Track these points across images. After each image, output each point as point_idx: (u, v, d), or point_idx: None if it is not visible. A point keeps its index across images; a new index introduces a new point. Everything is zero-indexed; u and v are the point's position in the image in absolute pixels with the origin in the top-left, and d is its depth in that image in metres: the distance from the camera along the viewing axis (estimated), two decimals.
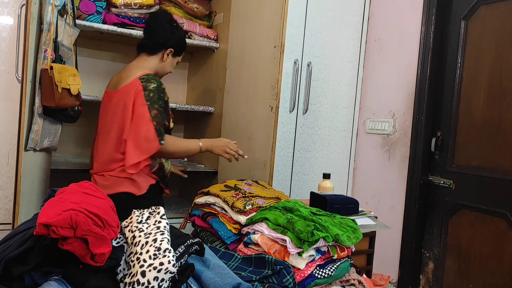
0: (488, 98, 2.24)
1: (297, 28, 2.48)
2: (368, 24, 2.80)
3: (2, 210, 2.03)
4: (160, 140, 1.78)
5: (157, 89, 1.84)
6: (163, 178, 1.98)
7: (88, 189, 1.07)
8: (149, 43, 2.00)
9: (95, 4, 2.34)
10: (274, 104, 2.16)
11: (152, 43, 1.99)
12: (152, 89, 1.83)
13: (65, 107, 1.86)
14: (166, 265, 0.93)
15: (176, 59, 2.07)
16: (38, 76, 1.77)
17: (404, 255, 2.53)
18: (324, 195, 1.78)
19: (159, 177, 1.94)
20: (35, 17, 1.73)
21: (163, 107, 1.85)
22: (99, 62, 2.80)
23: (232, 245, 1.35)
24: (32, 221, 1.06)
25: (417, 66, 2.51)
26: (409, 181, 2.51)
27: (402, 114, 2.59)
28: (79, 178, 2.01)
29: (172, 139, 1.86)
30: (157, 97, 1.83)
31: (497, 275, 2.16)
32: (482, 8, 2.29)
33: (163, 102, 1.85)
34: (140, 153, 1.79)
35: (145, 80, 1.85)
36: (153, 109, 1.80)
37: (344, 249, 1.31)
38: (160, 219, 1.07)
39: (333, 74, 2.67)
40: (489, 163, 2.21)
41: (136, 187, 1.85)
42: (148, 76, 1.88)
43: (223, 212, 1.45)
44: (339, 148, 2.75)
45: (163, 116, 1.83)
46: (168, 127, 1.88)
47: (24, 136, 1.75)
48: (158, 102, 1.82)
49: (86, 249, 0.92)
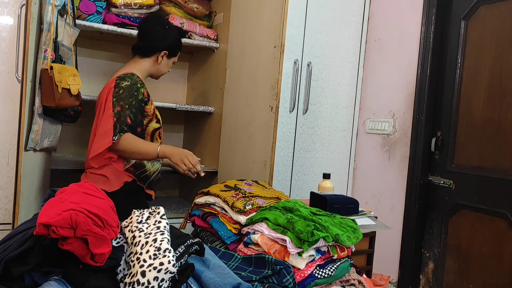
0: (488, 98, 2.24)
1: (297, 28, 2.48)
2: (368, 24, 2.80)
3: (2, 210, 2.03)
4: (113, 136, 1.77)
5: (129, 87, 1.85)
6: (145, 178, 1.96)
7: (88, 189, 1.07)
8: (142, 46, 2.03)
9: (95, 4, 2.34)
10: (274, 104, 2.16)
11: (144, 46, 2.02)
12: (124, 86, 1.85)
13: (65, 107, 1.86)
14: (166, 265, 0.93)
15: (171, 59, 2.09)
16: (38, 76, 1.77)
17: (404, 255, 2.53)
18: (324, 195, 1.78)
19: (136, 176, 1.92)
20: (35, 17, 1.73)
21: (133, 105, 1.84)
22: (99, 62, 2.80)
23: (232, 245, 1.35)
24: (32, 221, 1.06)
25: (417, 66, 2.51)
26: (409, 181, 2.51)
27: (402, 114, 2.59)
28: (79, 178, 2.02)
29: (130, 138, 1.82)
30: (126, 94, 1.84)
31: (497, 275, 2.16)
32: (482, 8, 2.29)
33: (134, 100, 1.85)
34: (95, 148, 1.82)
35: (120, 78, 1.89)
36: (117, 106, 1.82)
37: (344, 249, 1.31)
38: (160, 219, 1.07)
39: (333, 74, 2.67)
40: (489, 163, 2.21)
41: (108, 184, 1.87)
42: (126, 75, 1.90)
43: (223, 212, 1.45)
44: (339, 148, 2.75)
45: (126, 113, 1.81)
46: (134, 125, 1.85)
47: (24, 136, 1.74)
48: (126, 99, 1.82)
49: (86, 249, 0.92)
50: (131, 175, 1.92)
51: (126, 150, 1.82)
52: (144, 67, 2.02)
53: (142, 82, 1.95)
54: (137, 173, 1.94)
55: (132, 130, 1.84)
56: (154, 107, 2.00)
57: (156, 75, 2.09)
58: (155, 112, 2.00)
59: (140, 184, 1.95)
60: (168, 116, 2.82)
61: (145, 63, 2.02)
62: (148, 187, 1.99)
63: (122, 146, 1.81)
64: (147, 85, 2.04)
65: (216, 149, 2.65)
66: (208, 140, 2.80)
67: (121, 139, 1.79)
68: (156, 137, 2.00)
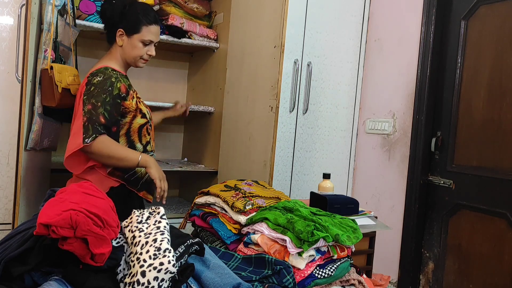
0: (488, 98, 2.24)
1: (297, 28, 2.49)
2: (368, 24, 2.80)
3: (2, 210, 2.03)
4: (86, 138, 1.60)
5: (101, 83, 1.67)
6: (136, 181, 1.80)
7: (88, 189, 1.07)
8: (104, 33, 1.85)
9: (95, 4, 2.34)
10: (274, 104, 2.16)
11: (105, 31, 1.83)
12: (95, 83, 1.68)
13: (65, 107, 1.86)
14: (166, 265, 0.93)
15: (135, 37, 1.77)
16: (38, 76, 1.77)
17: (404, 255, 2.52)
18: (324, 195, 1.78)
19: (125, 180, 1.77)
20: (35, 17, 1.73)
21: (106, 101, 1.66)
22: None
23: (232, 245, 1.35)
24: (32, 221, 1.05)
25: (417, 66, 2.51)
26: (409, 181, 2.51)
27: (402, 114, 2.59)
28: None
29: (107, 142, 1.64)
30: (99, 91, 1.66)
31: (497, 275, 2.16)
32: (482, 8, 2.29)
33: (108, 96, 1.66)
34: (68, 148, 1.67)
35: (92, 75, 1.72)
36: (88, 104, 1.64)
37: (344, 249, 1.31)
38: (160, 219, 1.07)
39: (333, 74, 2.67)
40: (489, 163, 2.21)
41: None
42: (99, 70, 1.73)
43: (223, 212, 1.45)
44: (339, 148, 2.76)
45: (99, 111, 1.63)
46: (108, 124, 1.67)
47: (24, 136, 1.75)
48: (97, 96, 1.65)
49: (86, 249, 0.92)
50: (118, 180, 1.75)
51: (102, 154, 1.64)
52: (116, 56, 1.81)
53: (119, 76, 1.75)
54: (125, 176, 1.77)
55: (107, 130, 1.66)
56: (137, 101, 1.81)
57: (130, 61, 1.82)
58: (138, 107, 1.80)
59: (131, 188, 1.79)
60: None
61: (114, 51, 1.81)
62: (141, 190, 1.82)
63: (97, 149, 1.62)
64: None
65: (216, 149, 2.65)
66: (208, 140, 2.80)
67: (96, 142, 1.61)
68: (144, 133, 1.82)
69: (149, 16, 1.78)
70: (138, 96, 1.85)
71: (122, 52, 1.80)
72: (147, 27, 1.77)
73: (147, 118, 1.84)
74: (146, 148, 1.84)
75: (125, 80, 1.79)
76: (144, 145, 1.83)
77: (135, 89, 1.86)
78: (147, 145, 1.85)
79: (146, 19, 1.77)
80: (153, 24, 1.79)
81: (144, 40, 1.78)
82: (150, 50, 1.81)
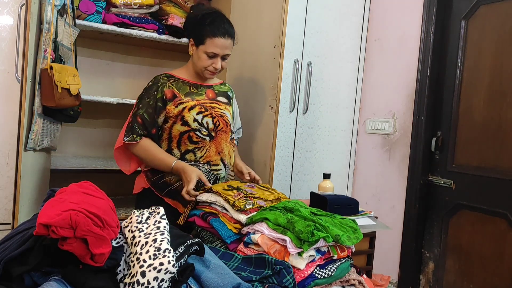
0: (488, 98, 2.23)
1: (297, 28, 2.48)
2: (368, 24, 2.80)
3: (2, 210, 2.02)
4: (125, 136, 1.75)
5: (148, 88, 1.82)
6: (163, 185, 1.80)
7: (88, 189, 1.06)
8: None
9: (95, 4, 2.34)
10: (274, 104, 2.16)
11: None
12: (146, 87, 1.84)
13: (65, 107, 1.86)
14: (166, 265, 0.93)
15: (200, 49, 1.79)
16: (38, 76, 1.77)
17: (404, 255, 2.52)
18: (324, 195, 1.77)
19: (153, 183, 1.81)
20: (34, 17, 1.73)
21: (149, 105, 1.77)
22: (99, 62, 2.80)
23: (232, 244, 1.35)
24: (32, 221, 1.05)
25: (417, 66, 2.50)
26: (409, 181, 2.51)
27: (402, 114, 2.59)
28: (79, 178, 2.01)
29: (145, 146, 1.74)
30: (143, 94, 1.81)
31: (497, 275, 2.16)
32: (482, 8, 2.29)
33: (151, 100, 1.77)
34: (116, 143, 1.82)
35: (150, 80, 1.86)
36: (135, 106, 1.81)
37: (344, 249, 1.31)
38: (160, 219, 1.07)
39: (333, 74, 2.67)
40: (489, 163, 2.21)
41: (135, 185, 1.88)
42: (158, 75, 1.86)
43: (223, 211, 1.45)
44: (339, 148, 2.75)
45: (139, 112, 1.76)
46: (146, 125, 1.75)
47: (24, 136, 1.74)
48: (143, 99, 1.80)
49: (86, 249, 0.92)
50: (147, 182, 1.82)
51: (139, 156, 1.77)
52: (188, 64, 1.90)
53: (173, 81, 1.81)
54: (153, 179, 1.80)
55: (145, 130, 1.75)
56: (182, 109, 1.78)
57: (197, 71, 1.85)
58: (182, 114, 1.77)
59: (157, 193, 1.80)
60: None
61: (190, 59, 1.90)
62: (167, 196, 1.80)
63: (135, 151, 1.76)
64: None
65: None
66: None
67: (133, 144, 1.74)
68: (185, 141, 1.78)
69: (215, 29, 1.76)
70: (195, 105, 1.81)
71: (192, 61, 1.86)
72: (212, 39, 1.76)
73: (190, 127, 1.78)
74: (185, 156, 1.79)
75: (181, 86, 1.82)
76: (183, 152, 1.78)
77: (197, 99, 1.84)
78: (187, 153, 1.79)
79: (211, 32, 1.76)
80: (218, 37, 1.76)
81: (208, 52, 1.77)
82: (215, 62, 1.79)
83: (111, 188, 2.74)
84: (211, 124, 1.81)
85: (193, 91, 1.84)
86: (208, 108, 1.83)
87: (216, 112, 1.84)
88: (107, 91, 2.80)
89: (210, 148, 1.81)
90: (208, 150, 1.80)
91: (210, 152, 1.81)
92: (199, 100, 1.83)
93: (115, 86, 2.85)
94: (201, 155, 1.80)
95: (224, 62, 1.82)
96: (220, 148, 1.83)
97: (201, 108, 1.81)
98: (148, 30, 2.48)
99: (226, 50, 1.80)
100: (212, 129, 1.81)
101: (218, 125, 1.83)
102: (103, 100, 2.35)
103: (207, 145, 1.80)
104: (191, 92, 1.84)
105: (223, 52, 1.79)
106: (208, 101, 1.85)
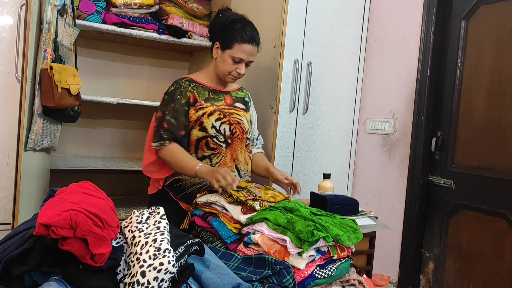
0: (488, 98, 2.23)
1: (297, 28, 2.48)
2: (368, 24, 2.80)
3: (2, 210, 2.03)
4: (153, 141, 1.77)
5: (171, 92, 1.81)
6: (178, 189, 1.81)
7: (88, 189, 1.06)
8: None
9: (95, 4, 2.34)
10: (274, 104, 2.16)
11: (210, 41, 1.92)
12: (168, 91, 1.83)
13: (65, 107, 1.86)
14: (166, 265, 0.93)
15: (226, 53, 1.79)
16: (38, 76, 1.77)
17: (404, 255, 2.52)
18: (324, 195, 1.77)
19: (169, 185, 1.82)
20: (34, 17, 1.73)
21: (175, 109, 1.77)
22: (99, 62, 2.80)
23: (232, 244, 1.35)
24: (32, 221, 1.05)
25: (417, 66, 2.50)
26: (409, 181, 2.51)
27: (402, 114, 2.59)
28: (79, 178, 2.01)
29: (172, 150, 1.74)
30: (167, 99, 1.80)
31: (497, 275, 2.16)
32: (482, 8, 2.29)
33: (176, 104, 1.77)
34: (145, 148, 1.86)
35: (171, 84, 1.85)
36: (159, 111, 1.80)
37: (344, 249, 1.31)
38: (160, 219, 1.07)
39: (333, 74, 2.67)
40: (489, 163, 2.21)
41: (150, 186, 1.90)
42: (179, 79, 1.85)
43: (223, 211, 1.45)
44: (339, 148, 2.75)
45: (165, 118, 1.76)
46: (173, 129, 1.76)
47: (24, 136, 1.74)
48: (166, 105, 1.79)
49: (86, 249, 0.92)
50: (162, 183, 1.84)
51: (164, 159, 1.76)
52: (209, 67, 1.89)
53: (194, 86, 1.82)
54: (169, 181, 1.82)
55: (172, 135, 1.75)
56: (201, 114, 1.79)
57: (220, 75, 1.85)
58: (200, 120, 1.78)
59: (172, 195, 1.81)
60: None
61: (211, 62, 1.89)
62: (182, 200, 1.80)
63: (161, 156, 1.76)
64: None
65: None
66: None
67: (160, 150, 1.75)
68: (202, 146, 1.79)
69: (244, 34, 1.78)
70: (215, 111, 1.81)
71: (215, 64, 1.85)
72: (240, 45, 1.77)
73: (208, 133, 1.78)
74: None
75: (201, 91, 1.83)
76: (199, 158, 1.79)
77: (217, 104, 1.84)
78: (203, 159, 1.79)
79: (240, 37, 1.77)
80: (246, 43, 1.78)
81: (234, 57, 1.78)
82: (239, 68, 1.81)
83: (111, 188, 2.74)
84: (228, 131, 1.82)
85: (212, 96, 1.85)
86: (227, 114, 1.84)
87: (234, 118, 1.85)
88: (107, 91, 2.80)
89: (226, 155, 1.82)
90: (223, 157, 1.81)
91: (226, 159, 1.82)
92: (218, 106, 1.84)
93: (115, 86, 2.85)
94: (217, 161, 1.81)
95: (246, 69, 1.84)
96: (235, 155, 1.84)
97: (220, 114, 1.82)
98: (148, 30, 2.48)
99: (252, 57, 1.82)
100: (229, 136, 1.82)
101: (234, 132, 1.83)
102: (103, 100, 2.35)
103: (223, 151, 1.81)
104: (210, 97, 1.85)
105: (249, 58, 1.81)
106: (227, 107, 1.86)
